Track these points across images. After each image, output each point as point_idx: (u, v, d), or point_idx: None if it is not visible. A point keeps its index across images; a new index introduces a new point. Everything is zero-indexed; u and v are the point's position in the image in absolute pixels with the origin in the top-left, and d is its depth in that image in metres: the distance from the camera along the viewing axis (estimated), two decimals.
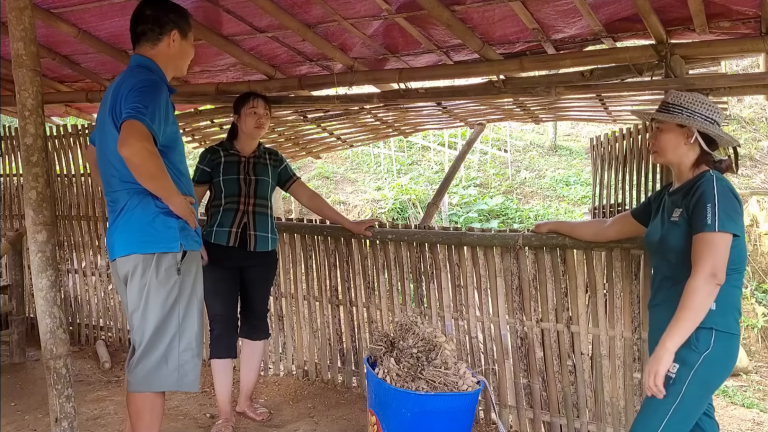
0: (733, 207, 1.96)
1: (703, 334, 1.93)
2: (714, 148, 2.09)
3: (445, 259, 3.25)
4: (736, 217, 1.95)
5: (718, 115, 2.07)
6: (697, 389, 1.93)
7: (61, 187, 4.56)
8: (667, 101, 2.13)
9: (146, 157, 2.02)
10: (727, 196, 1.96)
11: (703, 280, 1.90)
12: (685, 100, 2.08)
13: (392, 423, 2.42)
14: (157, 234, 2.18)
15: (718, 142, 2.09)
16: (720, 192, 1.96)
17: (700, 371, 1.92)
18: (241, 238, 2.99)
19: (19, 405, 3.39)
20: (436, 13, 2.49)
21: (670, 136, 2.11)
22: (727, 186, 1.99)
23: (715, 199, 1.94)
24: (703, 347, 1.93)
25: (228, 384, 3.05)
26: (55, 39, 3.26)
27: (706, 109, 2.06)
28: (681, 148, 2.09)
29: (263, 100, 3.06)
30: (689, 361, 1.93)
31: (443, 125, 5.21)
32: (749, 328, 6.89)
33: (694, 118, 2.05)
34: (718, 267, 1.90)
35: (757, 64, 8.92)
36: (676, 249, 2.05)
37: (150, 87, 2.12)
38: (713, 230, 1.91)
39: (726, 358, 1.99)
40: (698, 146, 2.07)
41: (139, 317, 2.21)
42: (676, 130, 2.09)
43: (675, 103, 2.10)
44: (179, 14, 2.30)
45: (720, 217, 1.92)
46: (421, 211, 8.92)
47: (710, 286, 1.90)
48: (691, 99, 2.08)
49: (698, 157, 2.09)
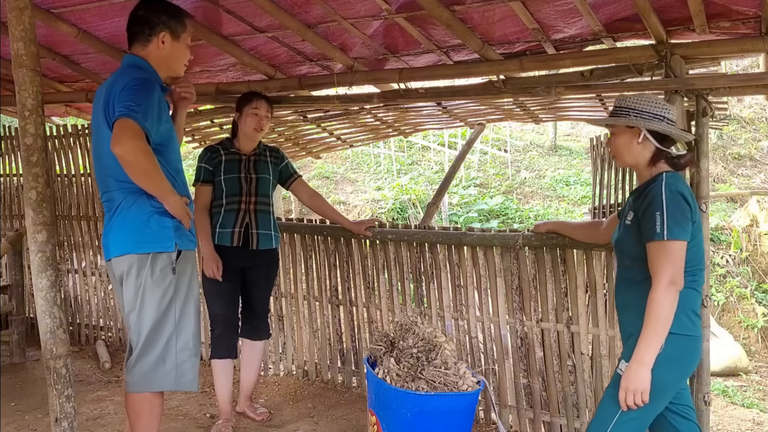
0: (682, 212, 1.97)
1: None
2: (669, 145, 2.10)
3: (445, 259, 3.25)
4: (685, 223, 1.96)
5: (667, 111, 2.08)
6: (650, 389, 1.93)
7: (61, 187, 4.56)
8: (615, 105, 2.16)
9: (139, 155, 2.02)
10: (675, 202, 1.97)
11: (663, 290, 1.92)
12: (631, 102, 2.11)
13: (392, 423, 2.42)
14: (152, 234, 2.18)
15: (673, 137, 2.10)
16: (668, 198, 1.97)
17: (652, 372, 1.92)
18: (243, 237, 3.00)
19: (19, 405, 3.39)
20: (436, 13, 2.49)
21: (622, 139, 2.14)
22: (677, 190, 2.00)
23: (663, 206, 1.96)
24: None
25: (228, 384, 3.05)
26: (55, 39, 3.26)
27: (653, 107, 2.07)
28: (634, 148, 2.10)
29: (266, 101, 3.06)
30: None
31: (443, 125, 5.21)
32: (749, 328, 6.89)
33: (641, 117, 2.07)
34: (676, 274, 1.93)
35: (757, 64, 8.92)
36: (628, 252, 2.09)
37: (142, 85, 2.12)
38: (662, 239, 1.93)
39: (680, 359, 1.99)
40: (652, 145, 2.08)
41: (135, 317, 2.21)
42: (627, 132, 2.11)
43: (622, 106, 2.12)
44: (172, 15, 2.29)
45: (669, 224, 1.93)
46: (421, 211, 8.92)
47: (672, 294, 1.93)
48: (638, 100, 2.10)
49: (653, 156, 2.10)
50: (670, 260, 1.93)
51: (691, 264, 2.00)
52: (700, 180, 2.60)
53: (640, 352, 1.94)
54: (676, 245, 1.94)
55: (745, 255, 7.62)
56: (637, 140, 2.09)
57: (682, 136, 2.13)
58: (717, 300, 7.08)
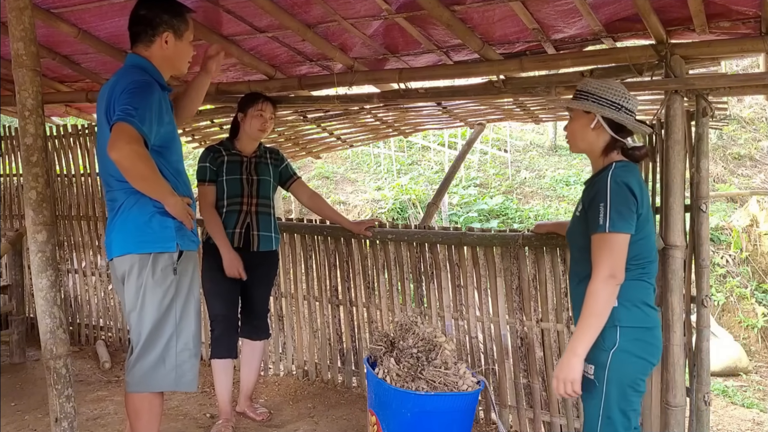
0: (627, 205, 1.94)
1: (608, 332, 1.95)
2: (625, 135, 2.07)
3: (445, 259, 3.25)
4: (629, 216, 1.94)
5: (626, 101, 2.05)
6: (617, 386, 1.95)
7: (61, 187, 4.56)
8: (576, 89, 2.12)
9: (136, 160, 2.02)
10: (620, 194, 1.94)
11: (602, 283, 1.92)
12: (592, 86, 2.08)
13: (392, 423, 2.42)
14: (154, 234, 2.18)
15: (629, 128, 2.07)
16: (614, 190, 1.95)
17: (612, 368, 1.94)
18: (244, 238, 3.00)
19: (19, 405, 3.39)
20: (436, 13, 2.49)
21: (577, 124, 2.11)
22: (624, 181, 1.97)
23: (608, 198, 1.94)
24: (610, 344, 1.95)
25: (228, 384, 3.05)
26: (55, 39, 3.26)
27: (612, 95, 2.04)
28: (588, 134, 2.08)
29: (271, 103, 3.06)
30: (601, 361, 1.96)
31: (443, 125, 5.20)
32: (749, 328, 6.89)
33: (598, 104, 2.03)
34: (616, 267, 1.92)
35: (757, 64, 8.92)
36: (576, 243, 2.09)
37: (140, 88, 2.12)
38: (604, 231, 1.92)
39: (641, 351, 1.98)
40: (606, 133, 2.05)
41: (135, 317, 2.21)
42: (583, 117, 2.08)
43: (582, 90, 2.09)
44: (174, 14, 2.28)
45: (611, 216, 1.92)
46: (421, 211, 8.91)
47: (610, 287, 1.92)
48: (599, 85, 2.07)
49: (607, 145, 2.07)
50: (610, 253, 1.92)
51: (640, 256, 2.00)
52: (700, 180, 2.60)
53: (573, 343, 1.95)
54: (618, 238, 1.93)
55: (745, 255, 7.62)
56: (591, 126, 2.06)
57: (638, 128, 2.10)
58: (717, 300, 7.07)
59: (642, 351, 1.99)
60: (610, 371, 1.95)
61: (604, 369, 1.96)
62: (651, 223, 2.07)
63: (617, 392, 1.96)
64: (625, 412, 1.99)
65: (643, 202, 1.99)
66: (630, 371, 1.97)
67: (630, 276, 1.97)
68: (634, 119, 2.06)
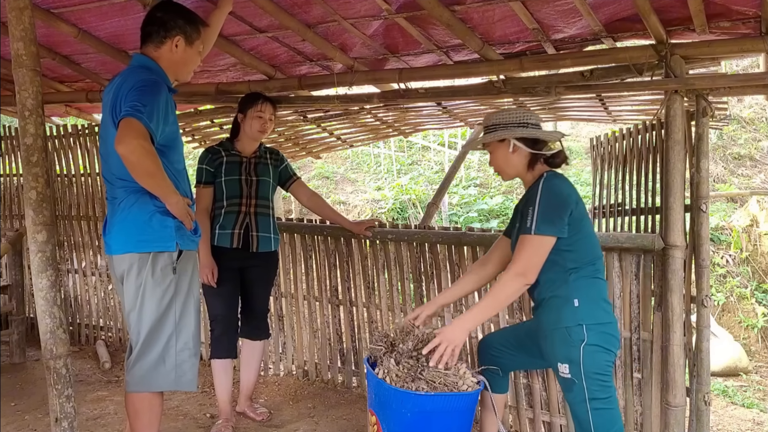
0: (555, 210, 2.11)
1: (575, 330, 2.12)
2: (541, 147, 2.25)
3: (445, 259, 3.25)
4: (556, 220, 2.10)
5: (528, 117, 2.25)
6: (594, 376, 2.11)
7: (61, 187, 4.56)
8: (483, 126, 2.32)
9: (143, 155, 2.01)
10: (549, 200, 2.12)
11: (512, 278, 2.12)
12: (496, 118, 2.29)
13: (392, 423, 2.41)
14: (153, 233, 2.18)
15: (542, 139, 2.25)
16: (543, 195, 2.12)
17: (586, 361, 2.10)
18: (243, 239, 2.99)
19: (19, 405, 3.39)
20: (436, 13, 2.49)
21: (497, 155, 2.30)
22: (554, 187, 2.14)
23: (537, 203, 2.12)
24: (578, 341, 2.11)
25: (228, 384, 3.05)
26: (55, 39, 3.26)
27: (515, 117, 2.25)
28: (510, 159, 2.27)
29: (271, 104, 3.06)
30: (573, 357, 2.11)
31: (443, 125, 5.20)
32: (749, 328, 6.89)
33: (507, 129, 2.22)
34: (529, 268, 2.11)
35: (757, 64, 8.92)
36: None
37: (149, 86, 2.12)
38: (530, 233, 2.10)
39: (605, 344, 2.14)
40: (524, 151, 2.24)
41: (135, 317, 2.21)
42: (500, 146, 2.28)
43: (489, 125, 2.29)
44: (188, 21, 2.30)
45: (538, 220, 2.09)
46: (421, 211, 8.91)
47: (517, 284, 2.12)
48: (501, 114, 2.28)
49: (529, 161, 2.26)
50: (529, 253, 2.10)
51: (586, 254, 2.16)
52: (700, 180, 2.60)
53: (467, 315, 2.16)
54: (541, 240, 2.10)
55: (745, 255, 7.62)
56: (510, 150, 2.24)
57: (550, 136, 2.28)
58: (717, 300, 7.07)
59: (607, 343, 2.15)
60: (584, 365, 2.10)
61: (578, 365, 2.11)
62: (588, 222, 2.21)
63: (594, 382, 2.12)
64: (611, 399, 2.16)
65: (577, 203, 2.15)
66: (599, 361, 2.13)
67: (584, 274, 2.15)
68: (541, 129, 2.26)
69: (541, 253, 2.12)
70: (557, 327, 2.15)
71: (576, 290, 2.14)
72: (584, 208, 2.21)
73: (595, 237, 2.24)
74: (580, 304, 2.13)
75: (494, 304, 2.16)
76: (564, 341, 2.13)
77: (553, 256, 2.16)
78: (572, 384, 2.14)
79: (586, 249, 2.17)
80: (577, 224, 2.14)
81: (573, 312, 2.13)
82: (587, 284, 2.16)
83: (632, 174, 3.60)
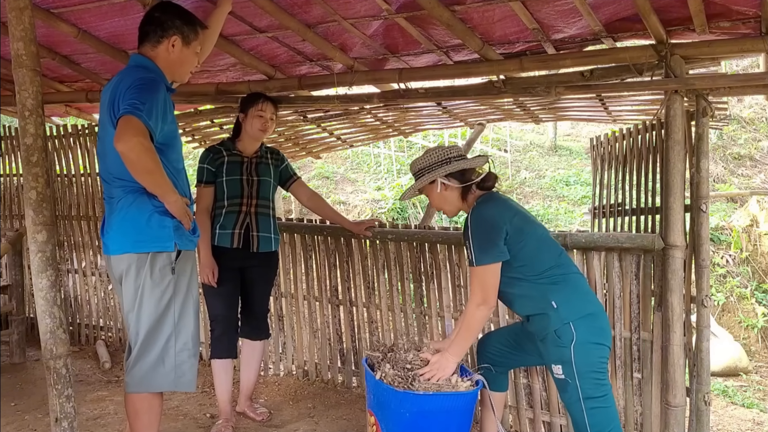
0: (487, 237, 2.19)
1: (562, 330, 2.15)
2: (470, 176, 2.32)
3: (445, 259, 3.25)
4: (491, 248, 2.19)
5: (449, 152, 2.32)
6: (587, 375, 2.13)
7: (61, 187, 4.56)
8: (412, 173, 2.41)
9: (142, 153, 2.00)
10: (479, 229, 2.20)
11: (475, 308, 2.23)
12: (419, 163, 2.36)
13: (391, 423, 2.41)
14: (152, 233, 2.17)
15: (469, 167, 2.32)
16: (473, 226, 2.22)
17: (578, 360, 2.12)
18: (244, 239, 2.99)
19: (19, 405, 3.39)
20: (436, 13, 2.49)
21: (433, 196, 2.38)
22: (480, 217, 2.23)
23: (470, 235, 2.21)
24: (567, 340, 2.13)
25: (228, 384, 3.05)
26: (55, 39, 3.26)
27: (437, 156, 2.32)
28: (445, 197, 2.35)
29: (272, 103, 3.05)
30: (565, 358, 2.13)
31: (443, 125, 5.20)
32: (749, 328, 6.89)
33: (432, 170, 2.30)
34: (486, 295, 2.21)
35: (757, 64, 8.92)
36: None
37: (147, 84, 2.12)
38: (473, 265, 2.21)
39: (594, 336, 2.16)
40: (454, 185, 2.31)
41: (134, 317, 2.21)
42: (432, 188, 2.36)
43: (414, 172, 2.37)
44: (186, 22, 2.30)
45: (475, 253, 2.20)
46: (421, 211, 8.91)
47: (482, 312, 2.23)
48: (423, 159, 2.35)
49: (461, 193, 2.34)
50: (480, 283, 2.21)
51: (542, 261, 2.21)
52: (700, 180, 2.60)
53: (451, 350, 2.29)
54: (485, 269, 2.19)
55: (745, 255, 7.62)
56: (438, 189, 2.32)
57: (475, 163, 2.35)
58: (717, 300, 7.07)
59: (597, 336, 2.17)
60: (576, 364, 2.11)
61: (570, 365, 2.12)
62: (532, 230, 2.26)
63: (588, 381, 2.13)
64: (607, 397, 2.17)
65: (510, 220, 2.21)
66: (592, 358, 2.15)
67: (552, 277, 2.19)
68: (465, 159, 2.32)
69: (490, 278, 2.20)
70: (547, 332, 2.19)
71: (550, 293, 2.18)
72: (523, 218, 2.26)
73: (547, 240, 2.29)
74: (559, 304, 2.16)
75: (468, 334, 2.28)
76: (555, 344, 2.16)
77: (511, 274, 2.23)
78: (566, 384, 2.16)
79: (540, 256, 2.22)
80: (518, 240, 2.20)
81: (556, 314, 2.16)
82: (559, 284, 2.19)
83: (632, 174, 3.60)
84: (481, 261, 2.18)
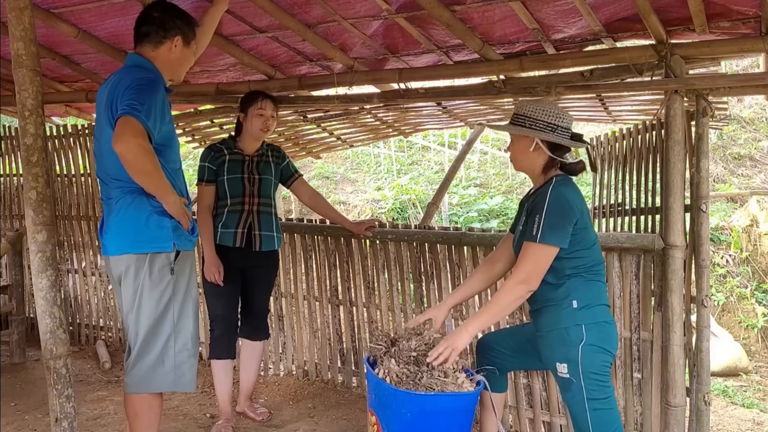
0: (560, 219, 2.09)
1: (573, 330, 2.12)
2: (563, 153, 2.21)
3: (445, 259, 3.25)
4: (561, 230, 2.09)
5: (561, 120, 2.18)
6: (591, 376, 2.12)
7: (61, 187, 4.56)
8: (514, 112, 2.25)
9: (141, 154, 2.00)
10: (556, 208, 2.10)
11: (515, 284, 2.11)
12: (528, 110, 2.20)
13: (392, 423, 2.41)
14: (151, 233, 2.17)
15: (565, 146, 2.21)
16: (551, 203, 2.10)
17: (584, 361, 2.11)
18: (246, 238, 2.99)
19: (19, 405, 3.39)
20: (436, 13, 2.49)
21: (517, 146, 2.26)
22: (563, 195, 2.12)
23: (544, 211, 2.10)
24: (577, 340, 2.11)
25: (228, 384, 3.05)
26: (55, 39, 3.26)
27: (548, 116, 2.17)
28: (529, 155, 2.23)
29: (272, 101, 3.04)
30: (572, 356, 2.12)
31: (443, 125, 5.20)
32: (749, 328, 6.89)
33: (534, 127, 2.17)
34: (532, 275, 2.10)
35: (757, 64, 8.92)
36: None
37: (146, 85, 2.12)
38: (534, 241, 2.09)
39: (603, 343, 2.15)
40: (545, 153, 2.20)
41: (133, 318, 2.21)
42: (522, 139, 2.23)
43: (519, 113, 2.22)
44: (185, 21, 2.31)
45: (543, 229, 2.08)
46: (421, 211, 8.91)
47: (520, 290, 2.12)
48: (534, 108, 2.20)
49: (546, 163, 2.22)
50: (533, 261, 2.10)
51: (585, 261, 2.16)
52: (700, 180, 2.60)
53: (471, 321, 2.18)
54: (545, 249, 2.09)
55: (745, 255, 7.61)
56: (531, 149, 2.20)
57: (573, 145, 2.23)
58: (717, 300, 7.07)
59: (605, 343, 2.15)
60: (582, 365, 2.10)
61: (576, 364, 2.11)
62: (591, 230, 2.21)
63: (592, 383, 2.12)
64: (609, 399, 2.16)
65: (582, 211, 2.14)
66: (597, 361, 2.13)
67: (584, 277, 2.15)
68: (569, 137, 2.20)
69: (545, 261, 2.11)
70: (555, 328, 2.16)
71: (574, 292, 2.14)
72: (589, 216, 2.20)
73: (597, 243, 2.23)
74: (579, 305, 2.13)
75: (497, 310, 2.17)
76: (562, 341, 2.14)
77: (554, 263, 2.15)
78: (570, 384, 2.15)
79: (586, 256, 2.17)
80: (580, 233, 2.14)
81: (571, 313, 2.13)
82: (586, 286, 2.16)
83: (632, 174, 3.61)
84: (546, 239, 2.07)
